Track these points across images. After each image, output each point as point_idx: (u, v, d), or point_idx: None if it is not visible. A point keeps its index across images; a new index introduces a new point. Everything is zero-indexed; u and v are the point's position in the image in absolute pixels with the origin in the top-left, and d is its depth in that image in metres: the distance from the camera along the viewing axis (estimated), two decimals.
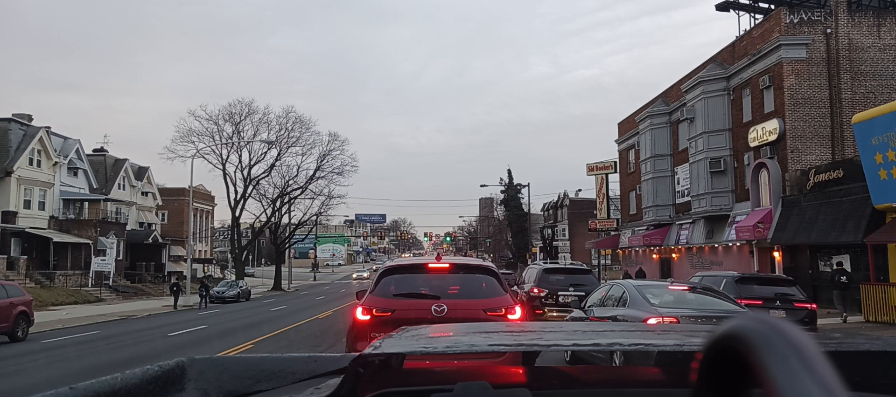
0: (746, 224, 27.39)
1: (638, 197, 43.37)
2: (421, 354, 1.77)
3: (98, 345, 17.84)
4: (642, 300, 10.12)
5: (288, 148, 56.04)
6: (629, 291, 10.68)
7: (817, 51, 26.79)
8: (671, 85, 38.91)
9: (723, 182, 31.25)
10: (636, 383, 1.77)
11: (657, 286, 11.51)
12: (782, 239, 25.35)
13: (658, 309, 9.66)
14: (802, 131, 26.52)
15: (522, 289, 19.81)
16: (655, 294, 10.48)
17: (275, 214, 59.85)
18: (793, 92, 26.59)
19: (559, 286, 17.98)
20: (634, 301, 10.24)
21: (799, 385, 0.55)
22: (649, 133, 39.43)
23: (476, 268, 8.63)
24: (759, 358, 0.59)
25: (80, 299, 37.78)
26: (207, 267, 71.92)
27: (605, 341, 1.78)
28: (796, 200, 25.18)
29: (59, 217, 46.06)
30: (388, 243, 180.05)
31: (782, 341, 0.59)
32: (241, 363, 1.62)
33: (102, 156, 55.89)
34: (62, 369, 13.29)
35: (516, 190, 78.79)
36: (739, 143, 30.36)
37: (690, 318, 9.31)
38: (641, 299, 10.15)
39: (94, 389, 1.22)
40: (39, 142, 43.86)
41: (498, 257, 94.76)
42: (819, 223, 23.39)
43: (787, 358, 0.57)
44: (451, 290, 7.92)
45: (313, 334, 19.39)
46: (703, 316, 9.46)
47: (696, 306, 10.14)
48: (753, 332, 0.61)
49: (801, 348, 0.59)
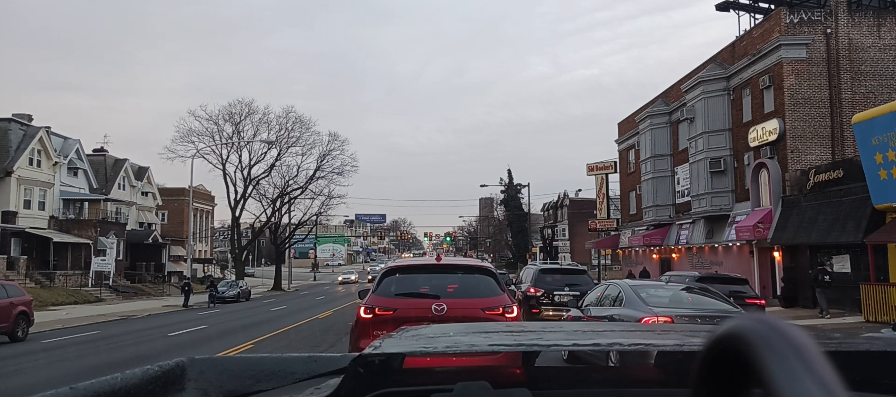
0: (746, 224, 27.39)
1: (638, 197, 43.37)
2: (421, 354, 1.77)
3: (98, 345, 17.84)
4: (638, 300, 10.27)
5: (288, 148, 56.14)
6: (625, 291, 10.83)
7: (817, 51, 26.79)
8: (671, 85, 38.91)
9: (723, 182, 31.25)
10: (636, 383, 1.77)
11: (653, 286, 11.69)
12: (782, 239, 25.36)
13: (653, 308, 9.79)
14: (802, 131, 26.51)
15: (520, 288, 20.17)
16: (651, 294, 10.63)
17: (275, 214, 59.82)
18: (793, 92, 26.59)
19: (555, 286, 18.32)
20: (630, 300, 10.39)
21: (799, 385, 0.54)
22: (649, 133, 39.42)
23: (474, 269, 8.75)
24: (759, 358, 0.58)
25: (80, 299, 37.77)
26: (207, 267, 71.94)
27: (605, 341, 1.78)
28: (796, 200, 25.18)
29: (59, 217, 46.05)
30: (388, 243, 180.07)
31: (782, 341, 0.59)
32: (242, 363, 1.61)
33: (102, 156, 55.87)
34: (62, 369, 13.30)
35: (516, 190, 78.83)
36: (739, 143, 30.36)
37: (685, 318, 9.47)
38: (637, 299, 10.30)
39: (94, 389, 1.21)
40: (39, 143, 43.86)
41: (498, 257, 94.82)
42: (819, 223, 23.38)
43: (787, 358, 0.57)
44: (451, 290, 8.04)
45: (313, 334, 19.39)
46: (699, 316, 9.62)
47: (691, 306, 10.27)
48: (753, 332, 0.61)
49: (801, 348, 0.58)
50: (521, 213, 76.79)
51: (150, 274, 54.46)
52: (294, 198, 60.01)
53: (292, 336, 19.04)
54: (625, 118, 47.55)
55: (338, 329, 20.05)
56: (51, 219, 45.02)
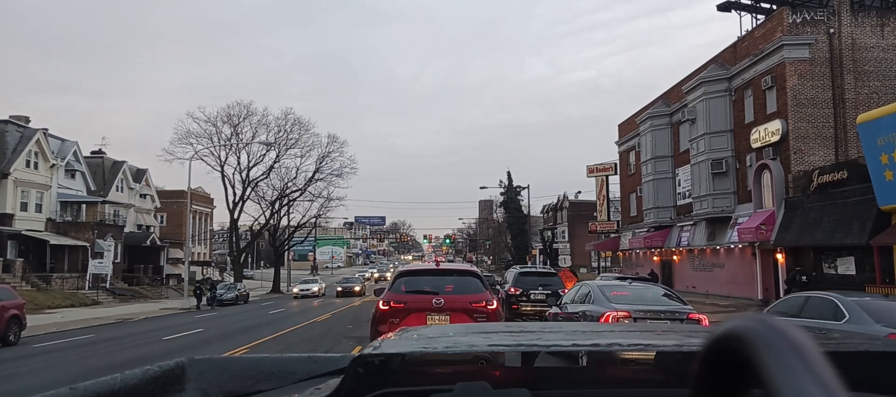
0: (749, 225, 27.13)
1: (638, 198, 43.12)
2: (421, 355, 1.77)
3: (91, 349, 17.55)
4: (603, 298, 11.74)
5: (286, 150, 55.64)
6: (593, 291, 12.35)
7: (820, 51, 26.55)
8: (672, 86, 38.70)
9: (725, 183, 31.00)
10: (636, 383, 1.76)
11: (619, 287, 13.24)
12: (785, 240, 25.09)
13: (614, 305, 11.24)
14: (805, 132, 26.27)
15: (504, 288, 23.15)
16: (615, 294, 12.05)
17: (273, 217, 59.42)
18: (795, 92, 26.35)
19: (531, 286, 21.53)
20: (596, 298, 11.89)
21: (799, 385, 0.55)
22: (650, 134, 39.19)
23: (465, 272, 11.18)
24: (759, 358, 0.58)
25: (76, 302, 37.46)
26: (206, 269, 71.58)
27: (605, 341, 1.78)
28: (800, 202, 24.92)
29: (57, 219, 45.73)
30: (388, 245, 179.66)
31: (782, 341, 0.59)
32: (241, 363, 1.62)
33: (100, 158, 55.58)
34: (54, 374, 13.02)
35: (516, 192, 78.53)
36: (741, 144, 30.11)
37: (641, 312, 10.97)
38: (602, 297, 11.79)
39: (94, 389, 1.22)
40: (36, 144, 43.57)
41: (497, 259, 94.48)
42: (823, 224, 23.12)
43: (787, 358, 0.57)
44: (447, 288, 10.19)
45: (311, 337, 19.08)
46: (652, 311, 11.12)
47: (647, 303, 11.58)
48: (753, 332, 0.61)
49: (800, 348, 0.59)
50: (521, 215, 76.46)
51: (148, 276, 54.13)
52: (293, 199, 59.63)
53: (291, 339, 18.75)
54: (625, 120, 47.33)
55: (336, 332, 19.77)
56: (48, 221, 44.71)
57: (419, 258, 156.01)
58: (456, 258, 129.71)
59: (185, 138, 52.25)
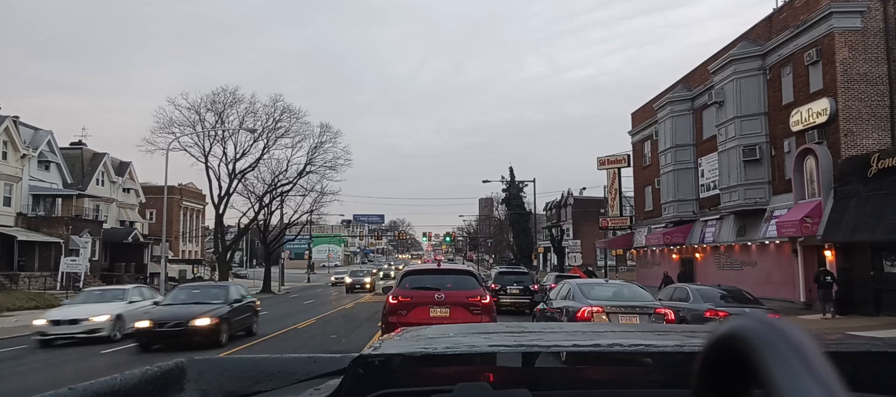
0: (790, 218, 23.95)
1: (655, 191, 39.93)
2: (421, 355, 1.74)
3: (26, 362, 14.37)
4: (581, 294, 13.05)
5: (276, 139, 52.10)
6: (573, 288, 13.65)
7: (874, 20, 23.36)
8: (693, 68, 35.57)
9: (758, 172, 27.81)
10: (636, 383, 1.77)
11: (598, 284, 14.57)
12: (837, 236, 21.91)
13: (590, 301, 12.51)
14: (857, 111, 23.10)
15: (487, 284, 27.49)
16: (593, 291, 13.33)
17: (263, 212, 56.08)
18: (846, 67, 23.16)
19: (508, 282, 27.14)
20: (575, 295, 13.17)
21: (799, 385, 0.55)
22: (669, 121, 36.02)
23: (463, 272, 13.02)
24: (760, 359, 0.58)
25: (42, 303, 34.09)
26: (197, 267, 68.42)
27: (606, 342, 1.75)
28: (854, 191, 21.72)
29: (28, 214, 42.62)
30: (386, 244, 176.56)
31: (783, 341, 0.59)
32: (241, 363, 1.63)
33: (80, 149, 52.43)
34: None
35: (518, 188, 75.45)
36: (777, 128, 26.94)
37: (614, 306, 12.22)
38: (580, 294, 13.08)
39: (94, 389, 1.24)
40: (5, 133, 40.38)
41: (499, 258, 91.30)
42: (885, 217, 19.95)
43: (788, 358, 0.57)
44: (447, 286, 11.66)
45: (291, 348, 15.89)
46: (624, 307, 12.32)
47: (621, 300, 12.78)
48: (754, 332, 0.61)
49: (801, 348, 0.58)
50: (524, 213, 73.30)
51: (130, 275, 50.74)
52: (284, 193, 56.29)
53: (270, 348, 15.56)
54: (639, 107, 44.15)
55: (314, 345, 16.61)
56: (18, 216, 41.62)
57: (418, 257, 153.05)
58: (456, 257, 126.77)
59: (167, 127, 48.45)
